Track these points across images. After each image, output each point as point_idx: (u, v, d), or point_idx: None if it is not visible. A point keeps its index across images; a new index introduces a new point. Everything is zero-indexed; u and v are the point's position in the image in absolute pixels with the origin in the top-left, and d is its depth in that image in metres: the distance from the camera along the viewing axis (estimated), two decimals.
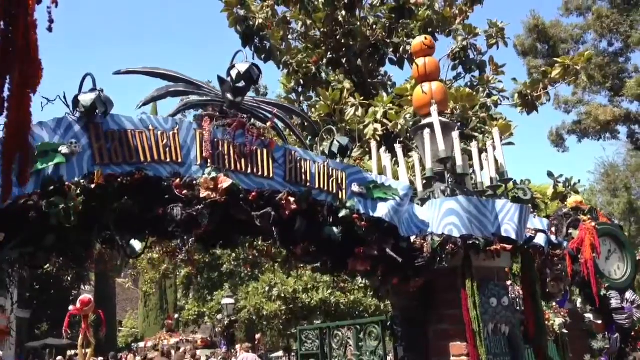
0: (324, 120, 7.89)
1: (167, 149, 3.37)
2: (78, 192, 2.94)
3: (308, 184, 3.86)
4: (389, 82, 9.84)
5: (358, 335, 5.08)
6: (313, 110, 8.24)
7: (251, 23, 8.12)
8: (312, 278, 17.43)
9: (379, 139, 6.98)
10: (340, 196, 3.99)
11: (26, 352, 30.76)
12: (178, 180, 3.28)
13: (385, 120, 7.14)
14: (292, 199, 3.60)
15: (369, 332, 4.96)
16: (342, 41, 9.07)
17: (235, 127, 3.60)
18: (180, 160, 3.40)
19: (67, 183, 2.94)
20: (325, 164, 4.00)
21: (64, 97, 3.15)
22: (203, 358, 20.70)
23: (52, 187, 2.88)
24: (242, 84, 3.75)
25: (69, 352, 24.69)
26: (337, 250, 3.97)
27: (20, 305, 30.63)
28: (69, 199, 2.87)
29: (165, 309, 39.36)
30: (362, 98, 7.55)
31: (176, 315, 31.05)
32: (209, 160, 3.46)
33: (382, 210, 4.07)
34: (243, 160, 3.59)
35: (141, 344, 30.13)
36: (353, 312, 18.12)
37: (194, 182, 3.32)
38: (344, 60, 9.27)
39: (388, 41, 9.06)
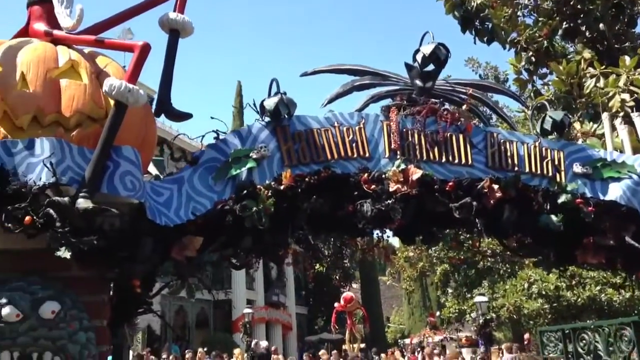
0: (561, 97, 7.05)
1: (354, 144, 3.30)
2: (269, 194, 3.03)
3: (516, 169, 3.45)
4: None
5: (607, 338, 4.38)
6: (546, 88, 7.43)
7: (469, 6, 7.67)
8: (577, 274, 15.77)
9: (630, 110, 5.95)
10: (558, 179, 3.49)
11: (307, 346, 33.90)
12: (366, 175, 3.19)
13: (633, 88, 6.06)
14: (496, 187, 3.25)
15: (619, 334, 4.24)
16: (579, 6, 8.00)
17: (425, 114, 3.38)
18: (367, 155, 3.31)
19: (258, 186, 3.05)
20: (537, 144, 3.52)
21: (254, 104, 3.30)
22: (468, 358, 20.28)
23: (245, 192, 3.02)
24: (430, 67, 3.49)
25: (343, 347, 26.29)
26: (560, 241, 3.49)
27: (299, 303, 34.04)
28: (260, 202, 2.98)
29: (428, 306, 39.75)
30: (602, 67, 6.52)
31: (437, 313, 31.11)
32: (398, 152, 3.30)
33: (615, 192, 3.45)
34: (436, 149, 3.36)
35: (407, 341, 30.93)
36: (631, 311, 15.87)
37: (383, 176, 3.20)
38: (583, 28, 8.16)
39: None
